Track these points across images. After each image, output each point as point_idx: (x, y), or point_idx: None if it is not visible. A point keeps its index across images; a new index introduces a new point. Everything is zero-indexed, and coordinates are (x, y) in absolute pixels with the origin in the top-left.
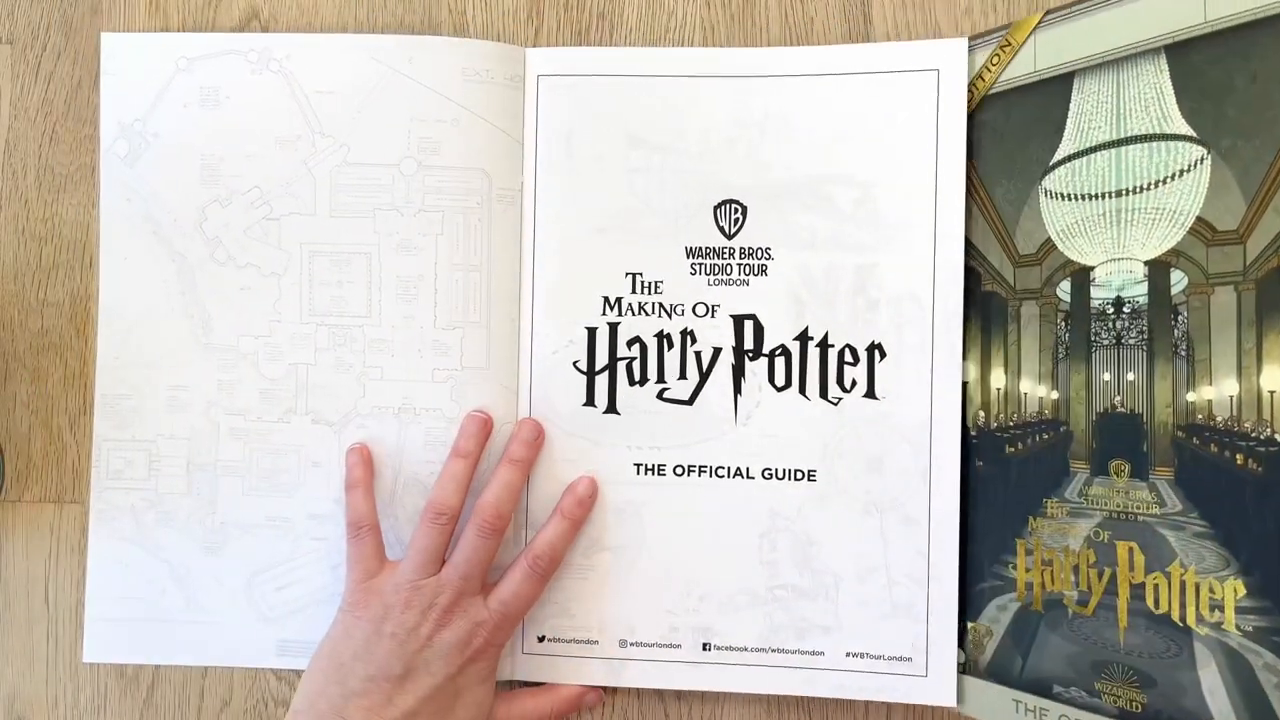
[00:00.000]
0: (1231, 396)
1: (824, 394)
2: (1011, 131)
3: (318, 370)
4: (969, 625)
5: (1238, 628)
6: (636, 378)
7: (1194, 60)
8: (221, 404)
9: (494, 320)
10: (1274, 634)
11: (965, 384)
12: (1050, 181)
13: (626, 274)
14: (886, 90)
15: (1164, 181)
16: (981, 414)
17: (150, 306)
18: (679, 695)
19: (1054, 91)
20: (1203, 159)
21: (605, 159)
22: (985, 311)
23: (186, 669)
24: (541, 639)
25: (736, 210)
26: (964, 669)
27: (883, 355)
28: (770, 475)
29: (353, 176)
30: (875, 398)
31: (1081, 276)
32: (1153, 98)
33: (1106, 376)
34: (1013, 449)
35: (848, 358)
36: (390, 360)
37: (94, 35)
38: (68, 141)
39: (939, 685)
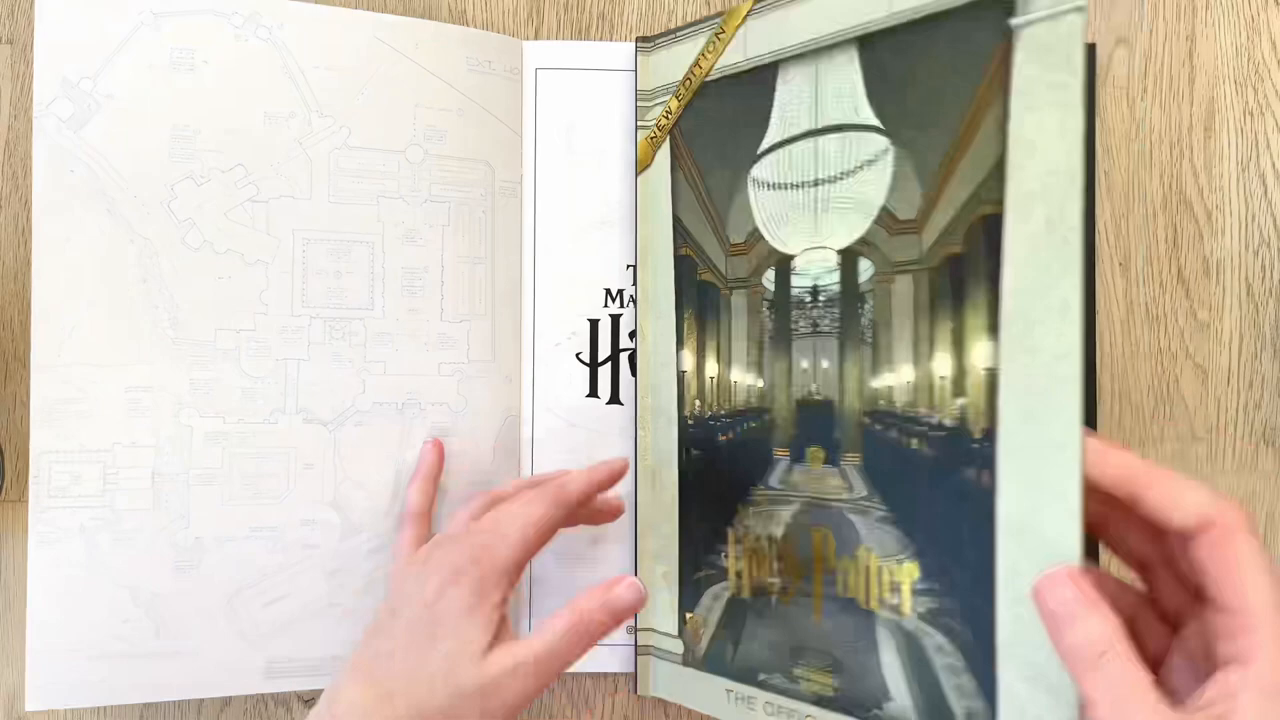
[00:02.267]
0: (909, 382)
1: None
2: (725, 120)
3: (311, 366)
4: (687, 616)
5: (914, 610)
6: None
7: (880, 52)
8: (195, 406)
9: (499, 313)
10: (943, 615)
11: (684, 373)
12: (758, 170)
13: (627, 266)
14: None
15: (854, 171)
16: (698, 403)
17: (101, 295)
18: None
19: (761, 81)
20: (886, 150)
21: (605, 152)
22: (701, 301)
23: None
24: None
25: None
26: (685, 660)
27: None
28: None
29: (355, 161)
30: None
31: (784, 265)
32: (846, 89)
33: (804, 364)
34: (725, 436)
35: None
36: (394, 354)
37: None
38: None
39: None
